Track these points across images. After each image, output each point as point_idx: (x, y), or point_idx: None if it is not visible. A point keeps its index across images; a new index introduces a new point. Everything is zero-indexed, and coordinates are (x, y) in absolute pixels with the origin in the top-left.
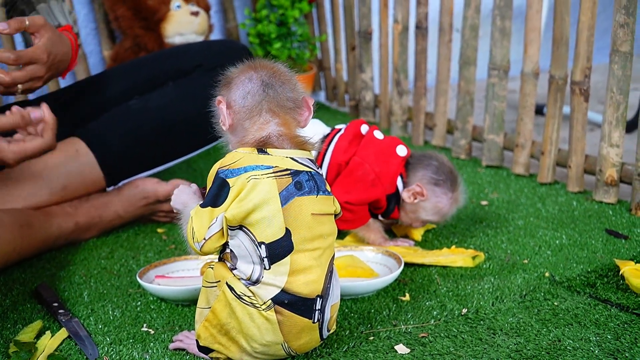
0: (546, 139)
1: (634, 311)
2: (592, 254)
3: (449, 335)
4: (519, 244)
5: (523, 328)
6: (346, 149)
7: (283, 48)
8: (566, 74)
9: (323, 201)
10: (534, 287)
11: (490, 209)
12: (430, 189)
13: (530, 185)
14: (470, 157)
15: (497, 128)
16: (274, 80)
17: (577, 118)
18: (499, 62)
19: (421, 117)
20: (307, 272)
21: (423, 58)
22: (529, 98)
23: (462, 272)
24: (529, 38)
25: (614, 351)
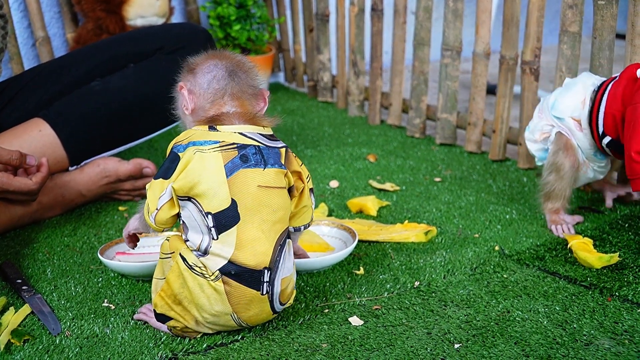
0: (497, 117)
1: (581, 283)
2: (541, 228)
3: (401, 307)
4: (470, 218)
5: (473, 300)
6: (619, 96)
7: (242, 30)
8: (517, 54)
9: (271, 174)
10: (484, 260)
11: (444, 186)
12: None
13: (482, 162)
14: (424, 136)
15: (450, 107)
16: (238, 69)
17: (528, 97)
18: (452, 43)
19: (377, 97)
20: (255, 243)
21: (379, 39)
22: (481, 78)
23: (415, 247)
24: (480, 19)
25: (562, 322)
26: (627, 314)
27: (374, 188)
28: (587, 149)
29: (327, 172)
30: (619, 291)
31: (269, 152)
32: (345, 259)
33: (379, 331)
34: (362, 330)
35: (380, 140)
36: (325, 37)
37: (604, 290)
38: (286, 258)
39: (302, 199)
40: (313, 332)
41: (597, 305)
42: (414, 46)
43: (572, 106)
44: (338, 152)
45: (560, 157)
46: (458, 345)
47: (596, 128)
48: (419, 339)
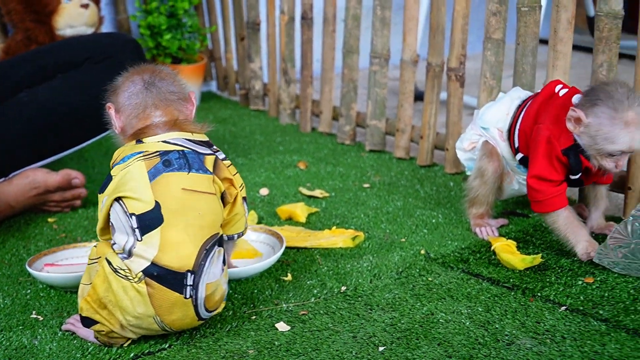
0: (425, 123)
1: (504, 284)
2: (466, 232)
3: (327, 312)
4: (397, 223)
5: (398, 303)
6: (533, 113)
7: (173, 39)
8: (443, 61)
9: (196, 179)
10: (410, 264)
11: (372, 192)
12: (590, 110)
13: (411, 167)
14: (354, 143)
15: (379, 114)
16: (154, 78)
17: (453, 103)
18: (380, 50)
19: (308, 105)
20: (179, 246)
21: (309, 48)
22: (408, 85)
23: (343, 252)
24: (407, 27)
25: (484, 323)
26: (549, 313)
27: (304, 195)
28: (510, 159)
29: (257, 180)
30: (541, 292)
31: (194, 157)
32: (274, 265)
33: (305, 336)
34: (288, 335)
35: (311, 147)
36: (257, 46)
37: (526, 291)
38: (213, 263)
39: (234, 207)
40: (240, 339)
41: (520, 306)
42: (343, 54)
43: (497, 117)
44: (269, 160)
45: (484, 162)
46: (382, 348)
47: (513, 143)
48: (344, 342)
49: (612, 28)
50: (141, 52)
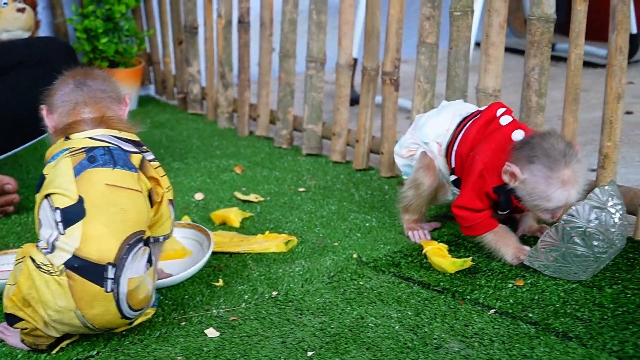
0: (360, 127)
1: (434, 288)
2: (399, 235)
3: (258, 317)
4: (331, 227)
5: (329, 307)
6: (471, 137)
7: (110, 43)
8: (378, 65)
9: (121, 175)
10: (342, 268)
11: (307, 196)
12: (526, 167)
13: (347, 171)
14: (291, 147)
15: (316, 118)
16: (85, 79)
17: (388, 107)
18: (316, 54)
19: (245, 109)
20: (100, 239)
21: (246, 52)
22: (344, 89)
23: (276, 257)
24: (342, 31)
25: (413, 326)
26: (478, 316)
27: (239, 199)
28: (446, 174)
29: (193, 185)
30: (471, 294)
31: (120, 153)
32: (205, 271)
33: (234, 342)
34: (217, 341)
35: (248, 151)
36: (194, 50)
37: (456, 294)
38: (137, 259)
39: (160, 207)
40: (169, 345)
41: (449, 309)
42: (279, 58)
43: (437, 132)
44: (205, 165)
45: (421, 175)
46: (311, 353)
47: (450, 161)
48: (273, 348)
49: (544, 32)
50: (74, 56)
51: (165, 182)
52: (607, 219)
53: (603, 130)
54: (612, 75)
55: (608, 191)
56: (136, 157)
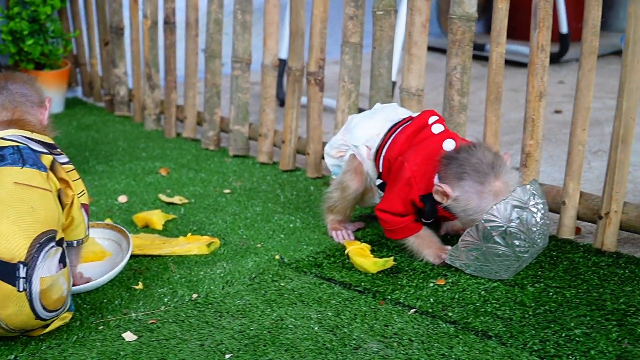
0: (286, 128)
1: (355, 288)
2: (322, 236)
3: (177, 320)
4: (254, 229)
5: (249, 309)
6: (400, 143)
7: (36, 44)
8: (303, 65)
9: (30, 174)
10: (264, 269)
11: (233, 197)
12: (456, 185)
13: (273, 172)
14: (218, 148)
15: (242, 119)
16: (6, 83)
17: (313, 107)
18: (241, 55)
19: (172, 110)
20: (8, 237)
21: (172, 52)
22: (270, 89)
23: (197, 259)
24: (267, 31)
25: (333, 327)
26: (398, 316)
27: (163, 202)
28: (374, 178)
29: (117, 188)
30: (392, 294)
31: (30, 153)
32: (125, 274)
33: (152, 345)
34: (135, 345)
35: (175, 153)
36: (121, 51)
37: (377, 294)
38: (49, 258)
39: (71, 210)
40: (85, 350)
41: (369, 310)
42: (205, 58)
43: (368, 135)
44: (130, 167)
45: (348, 178)
46: (229, 355)
47: (378, 165)
48: (191, 351)
49: (466, 31)
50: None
51: (78, 186)
52: (528, 218)
53: (525, 129)
54: (533, 74)
55: (530, 190)
56: (46, 158)
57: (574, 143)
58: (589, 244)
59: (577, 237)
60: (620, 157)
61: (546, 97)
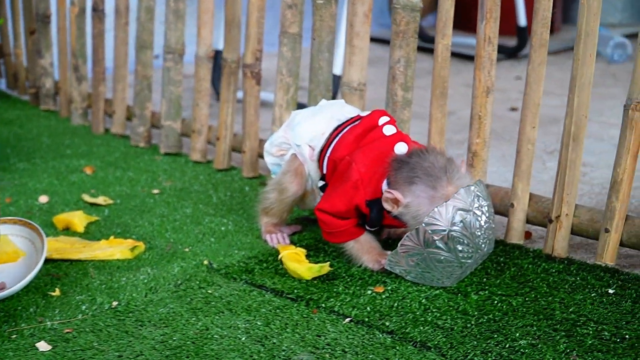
0: (221, 124)
1: (288, 296)
2: (255, 240)
3: (94, 329)
4: (183, 232)
5: (172, 318)
6: (348, 144)
7: None
8: (239, 56)
9: None
10: (191, 275)
11: (162, 198)
12: (407, 190)
13: (207, 172)
14: (149, 145)
15: (175, 114)
16: None
17: (250, 102)
18: (174, 45)
19: (100, 104)
20: None
21: (100, 42)
22: (204, 82)
23: (120, 264)
24: (202, 20)
25: (262, 337)
26: (332, 326)
27: (86, 202)
28: (316, 179)
29: (38, 187)
30: (326, 302)
31: None
32: (41, 279)
33: (67, 356)
34: (49, 355)
35: (102, 150)
36: (47, 40)
37: (310, 302)
38: None
39: None
40: None
41: (302, 319)
42: (136, 49)
43: (312, 134)
44: (54, 165)
45: (287, 179)
46: None
47: (322, 167)
48: None
49: (410, 21)
50: None
51: None
52: (472, 222)
53: (472, 126)
54: (480, 68)
55: (474, 191)
56: None
57: (523, 141)
58: (539, 250)
59: (527, 242)
60: (571, 157)
61: (495, 92)
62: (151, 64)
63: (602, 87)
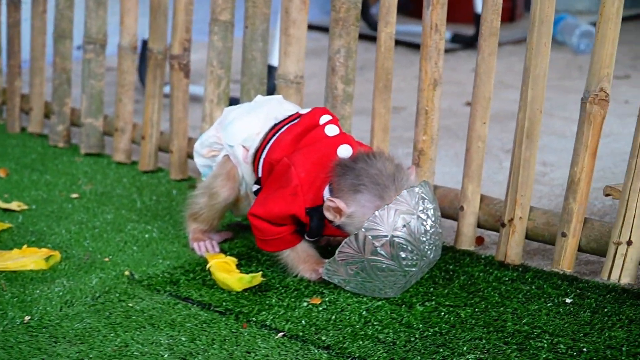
0: (146, 121)
1: (216, 309)
2: (182, 248)
3: (4, 346)
4: (103, 240)
5: (89, 334)
6: (286, 144)
7: None
8: (166, 47)
9: None
10: (110, 287)
11: (81, 203)
12: (352, 198)
13: (131, 174)
14: (69, 145)
15: (96, 111)
16: None
17: (178, 96)
18: (95, 35)
19: (16, 100)
20: None
21: (16, 32)
22: (128, 75)
23: (33, 275)
24: (125, 7)
25: (186, 354)
26: (263, 342)
27: None
28: (251, 183)
29: None
30: (257, 316)
31: None
32: None
33: None
34: None
35: (17, 151)
36: None
37: (240, 315)
38: None
39: None
40: None
41: (230, 334)
42: (54, 39)
43: (246, 134)
44: None
45: (219, 184)
46: None
47: (257, 169)
48: None
49: (351, 8)
50: None
51: None
52: (417, 226)
53: (417, 122)
54: (426, 58)
55: (418, 193)
56: None
57: (473, 138)
58: (491, 256)
59: (478, 248)
60: (525, 155)
61: (450, 85)
62: (70, 55)
63: (567, 79)
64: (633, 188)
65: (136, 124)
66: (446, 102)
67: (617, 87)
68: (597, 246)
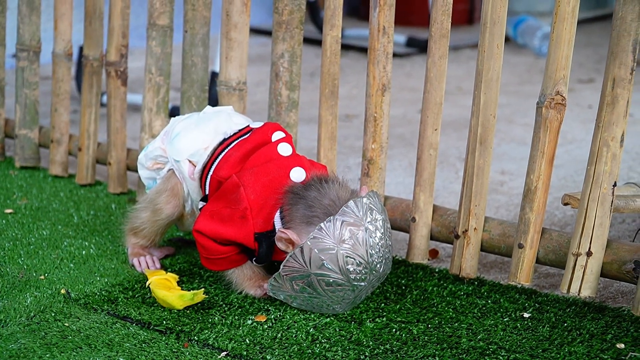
0: (83, 132)
1: (156, 328)
2: (121, 265)
3: None
4: (38, 257)
5: (24, 355)
6: (235, 161)
7: None
8: (102, 53)
9: None
10: (45, 306)
11: (15, 218)
12: (304, 230)
13: (68, 187)
14: (4, 158)
15: (31, 121)
16: None
17: (115, 105)
18: (28, 41)
19: None
20: None
21: None
22: (63, 84)
23: None
24: (59, 11)
25: None
26: None
27: None
28: (197, 200)
29: None
30: (199, 335)
31: None
32: None
33: None
34: None
35: None
36: None
37: (181, 334)
38: None
39: None
40: None
41: (171, 354)
42: None
43: (193, 149)
44: None
45: (162, 200)
46: None
47: (204, 186)
48: None
49: (294, 10)
50: None
51: None
52: (365, 238)
53: (366, 130)
54: (374, 62)
55: (366, 204)
56: None
57: (424, 146)
58: (446, 270)
59: (432, 261)
60: (479, 162)
61: (405, 92)
62: (4, 64)
63: (528, 84)
64: (592, 196)
65: (73, 135)
66: (400, 110)
67: (581, 91)
68: (556, 258)
